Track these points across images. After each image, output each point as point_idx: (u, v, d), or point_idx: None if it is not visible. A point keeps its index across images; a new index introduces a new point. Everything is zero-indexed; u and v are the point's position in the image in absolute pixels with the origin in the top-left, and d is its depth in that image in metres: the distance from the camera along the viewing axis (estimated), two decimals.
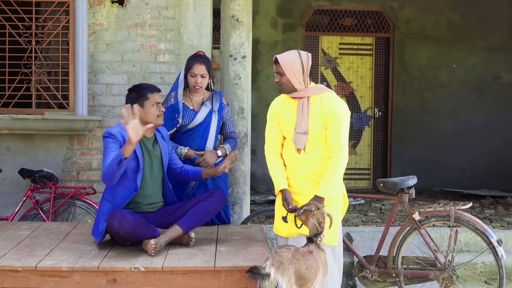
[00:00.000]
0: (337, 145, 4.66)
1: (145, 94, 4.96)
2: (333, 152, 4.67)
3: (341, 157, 4.65)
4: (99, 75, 6.82)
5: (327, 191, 4.64)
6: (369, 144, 11.31)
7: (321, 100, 4.75)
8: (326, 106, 4.71)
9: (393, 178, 5.74)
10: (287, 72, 4.73)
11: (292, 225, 4.77)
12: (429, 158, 11.05)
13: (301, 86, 4.76)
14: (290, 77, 4.73)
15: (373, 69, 11.21)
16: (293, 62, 4.73)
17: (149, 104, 4.95)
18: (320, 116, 4.71)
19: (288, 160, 4.89)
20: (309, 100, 4.76)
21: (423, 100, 11.14)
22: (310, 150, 4.77)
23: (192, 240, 4.89)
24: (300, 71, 4.73)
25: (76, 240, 5.07)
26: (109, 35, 6.81)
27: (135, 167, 4.88)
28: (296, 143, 4.78)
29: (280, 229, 4.97)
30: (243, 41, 6.50)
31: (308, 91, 4.77)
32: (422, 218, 5.50)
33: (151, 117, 4.96)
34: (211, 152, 5.75)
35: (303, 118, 4.73)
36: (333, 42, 11.15)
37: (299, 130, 4.75)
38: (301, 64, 4.73)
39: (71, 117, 6.62)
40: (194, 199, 5.08)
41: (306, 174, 4.79)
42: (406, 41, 11.08)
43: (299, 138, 4.76)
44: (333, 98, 4.76)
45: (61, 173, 6.82)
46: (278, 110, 4.92)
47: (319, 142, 4.75)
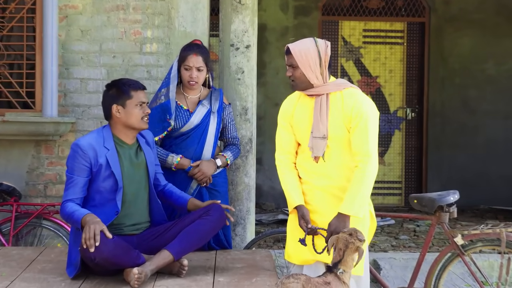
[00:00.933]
0: (364, 152, 4.62)
1: (127, 91, 4.95)
2: (359, 161, 4.63)
3: (369, 166, 4.61)
4: (72, 68, 6.84)
5: (352, 207, 4.59)
6: (400, 152, 11.31)
7: (343, 98, 4.72)
8: (349, 104, 4.68)
9: (430, 193, 5.72)
10: (302, 64, 4.71)
11: (309, 250, 4.74)
12: (474, 169, 11.04)
13: (318, 81, 4.74)
14: (305, 70, 4.71)
15: (405, 60, 11.23)
16: (309, 52, 4.71)
17: (132, 104, 4.94)
18: (342, 117, 4.69)
19: (303, 171, 4.86)
20: (329, 98, 4.74)
21: (466, 98, 11.14)
22: (330, 159, 4.74)
23: (184, 269, 4.86)
24: (317, 63, 4.71)
25: (43, 269, 5.05)
26: (84, 20, 6.82)
27: (113, 185, 4.90)
28: (313, 150, 4.75)
29: (292, 255, 4.94)
30: (247, 27, 6.50)
31: (327, 87, 4.74)
32: (466, 242, 5.48)
33: (134, 119, 4.95)
34: (208, 161, 5.75)
35: (322, 120, 4.71)
36: (356, 29, 11.17)
37: (317, 134, 4.72)
38: (318, 55, 4.72)
39: (38, 119, 6.63)
40: (187, 218, 5.06)
41: (325, 188, 4.76)
42: (444, 26, 11.09)
43: (316, 144, 4.73)
44: (357, 95, 4.74)
45: (24, 187, 6.83)
46: (291, 111, 4.90)
47: (341, 148, 4.73)
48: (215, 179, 5.81)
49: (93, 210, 4.82)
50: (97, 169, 4.84)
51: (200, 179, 5.67)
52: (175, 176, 5.68)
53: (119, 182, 4.89)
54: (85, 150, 4.81)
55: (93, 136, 4.93)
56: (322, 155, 4.74)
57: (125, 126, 4.95)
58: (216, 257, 5.44)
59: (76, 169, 4.82)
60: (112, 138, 4.97)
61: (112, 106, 4.93)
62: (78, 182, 4.82)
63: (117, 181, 4.88)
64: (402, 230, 9.01)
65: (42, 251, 5.60)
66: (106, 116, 5.02)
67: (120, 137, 4.99)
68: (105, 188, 4.87)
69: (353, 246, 4.34)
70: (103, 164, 4.84)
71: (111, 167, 4.86)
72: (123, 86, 4.98)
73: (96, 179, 4.86)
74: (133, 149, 5.06)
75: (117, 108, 4.92)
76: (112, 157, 4.89)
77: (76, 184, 4.81)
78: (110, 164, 4.86)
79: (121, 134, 4.99)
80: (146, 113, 4.99)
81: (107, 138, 4.94)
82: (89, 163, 4.82)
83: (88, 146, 4.83)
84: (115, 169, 4.88)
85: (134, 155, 5.05)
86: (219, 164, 5.78)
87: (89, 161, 4.82)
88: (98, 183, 4.87)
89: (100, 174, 4.85)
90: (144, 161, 5.10)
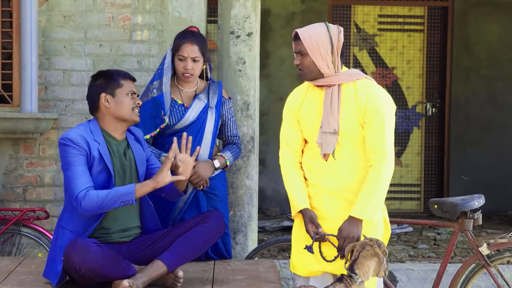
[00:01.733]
0: (380, 150, 4.62)
1: (117, 79, 5.00)
2: (374, 160, 4.63)
3: (385, 166, 4.62)
4: (53, 58, 6.87)
5: (366, 211, 4.61)
6: (419, 151, 11.34)
7: (356, 90, 4.72)
8: (363, 97, 4.68)
9: (452, 197, 5.74)
10: (311, 51, 4.69)
11: (317, 260, 4.77)
12: (502, 170, 11.05)
13: (330, 71, 4.73)
14: (315, 57, 4.70)
15: (425, 50, 11.25)
16: (319, 37, 4.70)
17: (122, 93, 4.98)
18: (355, 110, 4.68)
19: (310, 170, 4.85)
20: (341, 89, 4.73)
21: (493, 92, 11.16)
22: (341, 157, 4.73)
23: (179, 281, 4.88)
24: (329, 50, 4.71)
25: (22, 281, 5.07)
26: (67, 4, 6.84)
27: (105, 181, 4.92)
28: (323, 147, 4.73)
29: (298, 266, 4.94)
30: (249, 12, 6.52)
31: (339, 77, 4.74)
32: (492, 252, 5.51)
33: (125, 109, 4.98)
34: (205, 162, 5.76)
35: (332, 113, 4.70)
36: (370, 14, 11.19)
37: (327, 129, 4.70)
38: (329, 41, 4.71)
39: (16, 114, 6.66)
40: (183, 225, 5.10)
41: (334, 190, 4.75)
42: (470, 11, 11.10)
43: (326, 140, 4.71)
44: (372, 87, 4.74)
45: (1, 191, 6.86)
46: (298, 104, 4.90)
47: (353, 146, 4.72)
48: (212, 182, 5.82)
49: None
50: (90, 163, 4.85)
51: (196, 182, 5.67)
52: None
53: (112, 177, 4.91)
54: (76, 142, 4.82)
55: (81, 128, 4.94)
56: (332, 152, 4.71)
57: (115, 118, 4.97)
58: (214, 268, 5.48)
59: (75, 161, 4.80)
60: (101, 132, 4.98)
61: (101, 95, 4.95)
62: (83, 172, 4.80)
63: (111, 176, 4.90)
64: (421, 239, 9.04)
65: (21, 261, 5.61)
66: (92, 108, 5.04)
67: (109, 131, 5.01)
68: (97, 184, 4.86)
69: (370, 249, 4.41)
70: (96, 157, 4.86)
71: (105, 160, 4.88)
72: (112, 75, 5.02)
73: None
74: (122, 146, 5.08)
75: (106, 98, 4.94)
76: (104, 150, 4.91)
77: (82, 173, 4.78)
78: (103, 157, 4.88)
79: (109, 128, 5.01)
80: (137, 104, 5.01)
81: (95, 132, 4.95)
82: (85, 153, 4.82)
83: (80, 137, 4.84)
84: (108, 163, 4.90)
85: (123, 152, 5.08)
86: (217, 166, 5.79)
87: (85, 151, 4.82)
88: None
89: (93, 168, 4.87)
90: (133, 159, 5.12)
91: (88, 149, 4.84)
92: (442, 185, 11.26)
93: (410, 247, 8.47)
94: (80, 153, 4.82)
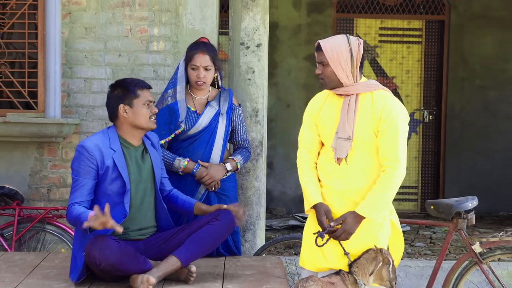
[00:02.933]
0: (393, 157, 4.63)
1: (134, 90, 4.99)
2: (387, 166, 4.64)
3: (397, 172, 4.63)
4: (75, 67, 6.89)
5: (372, 210, 4.63)
6: (417, 155, 11.33)
7: (373, 100, 4.72)
8: (379, 107, 4.68)
9: (447, 199, 5.74)
10: (332, 62, 4.68)
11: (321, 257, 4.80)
12: (494, 174, 11.04)
13: (349, 80, 4.72)
14: (335, 68, 4.69)
15: (423, 60, 11.24)
16: (340, 49, 4.70)
17: (139, 103, 4.98)
18: (370, 119, 4.69)
19: (323, 172, 4.85)
20: (358, 99, 4.73)
21: (487, 100, 11.14)
22: (353, 161, 4.73)
23: (192, 275, 4.89)
24: (348, 61, 4.69)
25: (46, 275, 5.09)
26: (88, 17, 6.87)
27: (120, 187, 4.93)
28: (337, 151, 4.73)
29: (307, 261, 4.94)
30: (258, 25, 6.53)
31: (357, 87, 4.73)
32: (484, 250, 5.52)
33: (142, 119, 4.99)
34: (218, 165, 5.77)
35: (348, 120, 4.70)
36: (372, 27, 11.19)
37: (342, 135, 4.71)
38: (349, 52, 4.69)
39: (40, 120, 6.67)
40: (195, 223, 5.10)
41: (344, 192, 4.75)
42: (465, 25, 11.09)
43: (340, 145, 4.71)
44: (388, 98, 4.74)
45: (27, 191, 6.88)
46: (318, 109, 4.90)
47: (365, 152, 4.73)
48: (223, 184, 5.83)
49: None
50: (103, 171, 4.86)
51: (208, 184, 5.69)
52: (182, 181, 5.70)
53: (126, 184, 4.91)
54: (91, 152, 4.84)
55: (99, 137, 4.96)
56: (345, 157, 4.72)
57: (133, 126, 4.99)
58: (225, 264, 5.48)
59: (82, 172, 4.84)
60: (118, 139, 4.99)
61: (119, 106, 4.95)
62: (85, 185, 4.83)
63: (125, 183, 4.91)
64: (417, 237, 9.03)
65: (45, 256, 5.64)
66: (112, 117, 5.05)
67: (127, 138, 5.02)
68: (112, 190, 4.89)
69: (372, 254, 4.52)
70: (110, 166, 4.87)
71: (119, 169, 4.89)
72: (129, 86, 4.99)
73: (103, 181, 4.88)
74: (139, 151, 5.08)
75: (124, 108, 4.95)
76: (119, 158, 4.91)
77: (83, 186, 4.83)
78: (117, 165, 4.89)
79: (127, 135, 5.03)
80: (153, 112, 5.02)
81: (113, 139, 4.96)
82: (95, 165, 4.84)
83: (94, 147, 4.86)
84: (123, 171, 4.90)
85: (140, 157, 5.08)
86: (229, 169, 5.79)
87: (96, 163, 4.84)
88: (105, 185, 4.89)
89: (107, 176, 4.88)
90: (150, 164, 5.12)
91: (101, 159, 4.85)
92: (438, 187, 11.24)
93: (408, 245, 8.45)
94: (90, 165, 4.84)
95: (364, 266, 4.52)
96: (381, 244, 4.75)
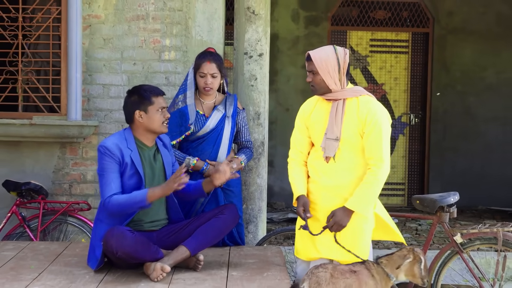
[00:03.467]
0: (377, 157, 4.66)
1: (149, 97, 4.99)
2: (372, 164, 4.67)
3: (382, 170, 4.66)
4: (95, 75, 6.88)
5: (359, 204, 4.66)
6: (404, 155, 11.31)
7: (358, 104, 4.75)
8: (364, 111, 4.71)
9: (431, 194, 5.73)
10: (321, 70, 4.73)
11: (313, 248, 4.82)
12: (474, 171, 11.03)
13: (337, 87, 4.76)
14: (324, 76, 4.74)
15: (409, 69, 11.23)
16: (328, 58, 4.74)
17: (153, 110, 4.98)
18: (356, 122, 4.72)
19: (313, 169, 4.90)
20: (345, 103, 4.77)
21: (467, 105, 11.13)
22: (340, 160, 4.77)
23: (200, 263, 4.91)
24: (336, 69, 4.73)
25: (68, 262, 5.10)
26: (106, 29, 6.86)
27: (136, 183, 4.93)
28: (326, 150, 4.78)
29: (301, 251, 4.98)
30: (260, 36, 6.52)
31: (344, 93, 4.77)
32: (464, 240, 5.51)
33: (156, 124, 4.99)
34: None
35: (336, 123, 4.74)
36: (363, 38, 11.18)
37: (330, 136, 4.75)
38: (337, 61, 4.74)
39: (63, 122, 6.66)
40: (203, 216, 5.11)
41: (331, 187, 4.79)
42: (447, 37, 11.09)
43: (329, 145, 4.76)
44: (372, 102, 4.76)
45: (51, 186, 6.87)
46: (309, 113, 4.94)
47: (351, 151, 4.76)
48: (229, 180, 5.79)
49: None
50: (123, 168, 4.88)
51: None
52: (192, 178, 5.63)
53: (142, 180, 4.92)
54: (112, 150, 4.85)
55: (117, 137, 4.97)
56: (333, 155, 4.76)
57: (147, 130, 4.99)
58: (229, 253, 5.48)
59: (109, 168, 4.85)
60: (134, 140, 5.00)
61: (135, 112, 4.96)
62: (114, 179, 4.85)
63: (141, 179, 4.92)
64: (405, 229, 9.02)
65: (67, 245, 5.65)
66: (128, 120, 5.05)
67: (141, 139, 5.03)
68: (130, 185, 4.89)
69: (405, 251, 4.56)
70: (128, 163, 4.88)
71: (136, 166, 4.90)
72: (144, 93, 4.99)
73: (122, 177, 4.90)
74: (152, 151, 5.09)
75: (139, 114, 4.95)
76: (136, 157, 4.93)
77: (112, 180, 4.84)
78: (135, 163, 4.90)
79: (142, 137, 5.03)
80: (166, 117, 5.02)
81: (129, 140, 4.97)
82: (118, 162, 4.86)
83: (115, 146, 4.88)
84: (139, 168, 4.92)
85: (153, 157, 5.09)
86: (234, 167, 5.71)
87: (118, 159, 4.86)
88: (123, 180, 4.90)
89: (126, 172, 4.89)
90: (161, 162, 5.13)
91: (121, 156, 4.87)
92: (423, 183, 11.23)
93: None
94: (114, 161, 4.85)
95: (395, 261, 4.56)
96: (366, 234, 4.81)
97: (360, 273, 4.44)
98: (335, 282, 4.30)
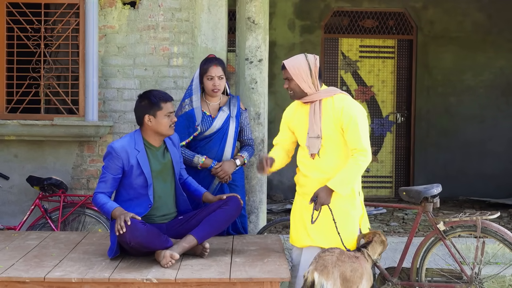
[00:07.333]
0: (359, 147, 4.73)
1: (158, 103, 4.96)
2: (355, 152, 4.74)
3: (363, 157, 4.72)
4: (110, 79, 6.86)
5: (339, 185, 4.72)
6: (391, 151, 11.28)
7: (333, 102, 4.83)
8: (338, 107, 4.79)
9: (417, 186, 5.73)
10: (295, 76, 4.83)
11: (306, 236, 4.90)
12: (454, 165, 11.01)
13: (311, 90, 4.85)
14: (298, 81, 4.83)
15: (395, 72, 11.19)
16: (300, 65, 4.83)
17: (162, 115, 4.95)
18: (333, 118, 4.79)
19: (302, 165, 4.99)
20: (321, 104, 4.85)
21: (448, 105, 11.10)
22: (324, 155, 4.85)
23: (206, 251, 4.90)
24: (308, 74, 4.82)
25: (86, 250, 5.10)
26: (120, 38, 6.84)
27: (143, 181, 4.94)
28: (310, 148, 4.87)
29: (295, 239, 5.05)
30: (260, 43, 6.51)
31: (319, 94, 4.86)
32: (447, 228, 5.48)
33: (163, 127, 4.97)
34: (229, 161, 5.75)
35: (316, 122, 4.82)
36: (353, 45, 11.14)
37: (312, 135, 4.84)
38: (308, 67, 4.83)
39: (81, 122, 6.66)
40: (209, 207, 5.10)
41: (319, 180, 4.85)
42: (429, 43, 11.05)
43: (312, 143, 4.84)
44: (345, 99, 4.84)
45: (70, 181, 6.86)
46: (290, 117, 5.06)
47: (333, 146, 4.83)
48: (234, 175, 5.81)
49: (129, 203, 4.91)
50: (129, 168, 4.88)
51: (222, 177, 5.69)
52: (200, 174, 5.68)
53: (148, 179, 4.92)
54: (118, 153, 4.86)
55: (126, 139, 4.97)
56: (317, 152, 4.85)
57: (155, 133, 4.98)
58: (233, 241, 5.48)
59: (109, 167, 4.88)
60: (143, 141, 4.99)
61: (145, 116, 4.94)
62: (110, 179, 4.89)
63: (147, 179, 4.92)
64: (392, 218, 8.99)
65: (85, 235, 5.65)
66: (138, 122, 5.05)
67: (150, 141, 5.02)
68: (138, 184, 4.91)
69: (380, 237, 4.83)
70: (134, 164, 4.89)
71: (141, 167, 4.90)
72: (154, 98, 4.96)
73: (129, 176, 4.90)
74: (160, 151, 5.08)
75: (149, 118, 4.94)
76: (142, 158, 4.92)
77: (108, 180, 4.88)
78: (140, 164, 4.90)
79: (150, 139, 5.01)
80: (173, 121, 5.01)
81: (138, 142, 4.97)
82: (121, 164, 4.87)
83: (121, 148, 4.88)
84: (145, 169, 4.91)
85: (162, 155, 5.08)
86: (238, 164, 5.77)
87: (122, 162, 4.86)
88: (131, 180, 4.91)
89: (132, 172, 4.90)
90: (170, 160, 5.12)
91: (126, 158, 4.87)
92: (409, 176, 11.20)
93: (384, 225, 8.43)
94: (117, 164, 4.87)
95: (374, 247, 4.82)
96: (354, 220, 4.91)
97: (361, 259, 4.64)
98: (341, 265, 4.42)
